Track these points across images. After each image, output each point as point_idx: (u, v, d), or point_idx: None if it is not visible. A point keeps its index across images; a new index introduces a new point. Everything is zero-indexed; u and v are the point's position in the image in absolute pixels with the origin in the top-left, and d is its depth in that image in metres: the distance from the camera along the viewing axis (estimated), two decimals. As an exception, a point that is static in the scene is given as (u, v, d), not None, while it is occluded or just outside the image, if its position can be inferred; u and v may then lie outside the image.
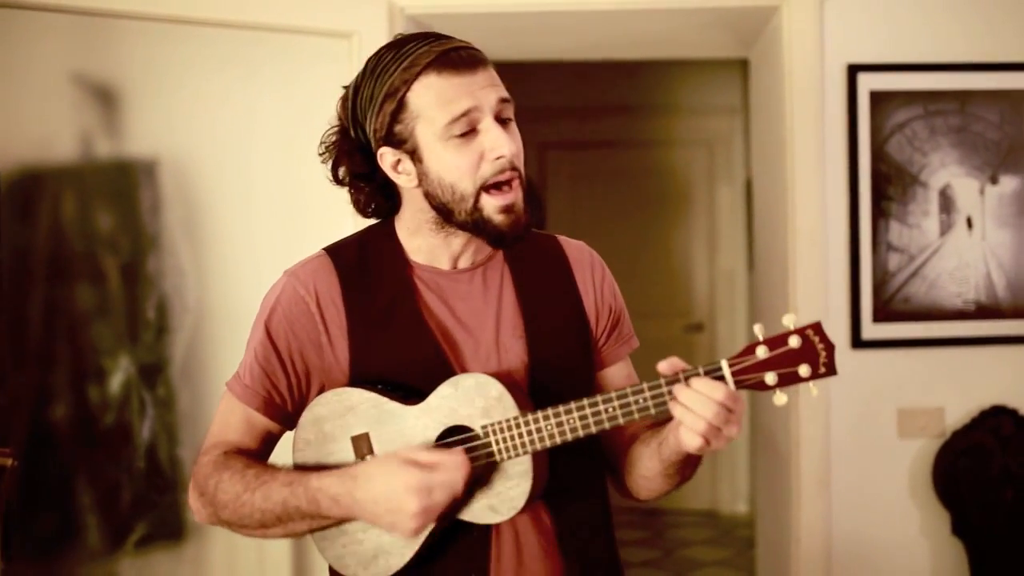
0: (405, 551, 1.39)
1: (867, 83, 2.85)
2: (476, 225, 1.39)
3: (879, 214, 2.88)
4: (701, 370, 1.30)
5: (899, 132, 2.87)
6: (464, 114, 1.35)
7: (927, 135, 2.87)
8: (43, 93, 2.46)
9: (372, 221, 1.54)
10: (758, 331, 1.32)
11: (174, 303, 2.60)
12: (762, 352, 1.30)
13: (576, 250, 1.58)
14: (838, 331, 2.88)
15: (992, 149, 2.88)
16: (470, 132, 1.36)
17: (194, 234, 2.63)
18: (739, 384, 1.30)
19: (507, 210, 1.39)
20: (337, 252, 1.48)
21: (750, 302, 5.27)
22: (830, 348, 1.30)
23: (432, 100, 1.35)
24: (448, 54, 1.36)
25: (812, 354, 1.29)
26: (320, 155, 1.48)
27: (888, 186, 2.88)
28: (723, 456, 5.37)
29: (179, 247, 2.61)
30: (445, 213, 1.40)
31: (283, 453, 1.49)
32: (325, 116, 2.74)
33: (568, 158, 5.52)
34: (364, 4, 2.74)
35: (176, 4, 2.51)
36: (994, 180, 2.89)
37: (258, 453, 1.47)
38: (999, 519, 2.84)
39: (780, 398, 1.30)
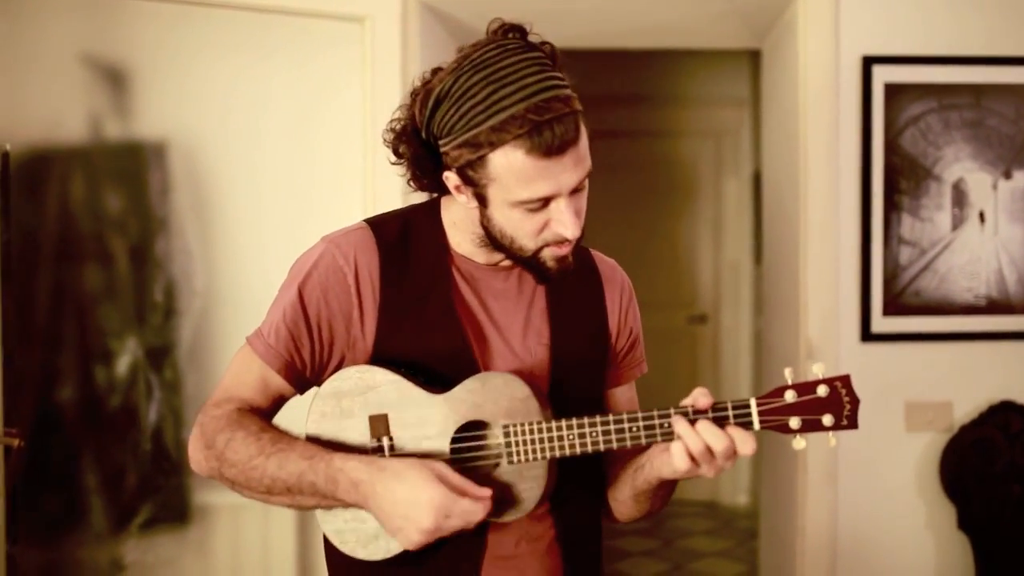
0: None
1: (882, 75, 2.84)
2: (526, 263, 1.40)
3: (891, 207, 2.86)
4: (730, 405, 1.32)
5: (913, 125, 2.85)
6: (541, 199, 1.32)
7: (941, 128, 2.86)
8: (53, 74, 2.44)
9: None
10: (788, 375, 1.34)
11: (182, 286, 2.59)
12: (790, 396, 1.32)
13: (609, 268, 1.59)
14: (847, 324, 2.87)
15: (1006, 144, 2.86)
16: (542, 207, 1.34)
17: (203, 217, 2.62)
18: (764, 424, 1.33)
19: (562, 260, 1.39)
20: (379, 227, 1.46)
21: (755, 294, 5.26)
22: (855, 403, 1.33)
23: (513, 176, 1.30)
24: (542, 131, 1.27)
25: (837, 405, 1.32)
26: (384, 137, 1.44)
27: (901, 179, 2.86)
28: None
29: (188, 230, 2.59)
30: (496, 246, 1.40)
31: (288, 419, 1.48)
32: (336, 100, 2.75)
33: (574, 147, 5.49)
34: (377, -12, 2.73)
35: (188, -15, 2.49)
36: (1008, 175, 2.87)
37: (266, 413, 1.44)
38: (1006, 514, 2.84)
39: (799, 443, 1.33)
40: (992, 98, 2.85)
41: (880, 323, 2.86)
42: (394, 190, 2.72)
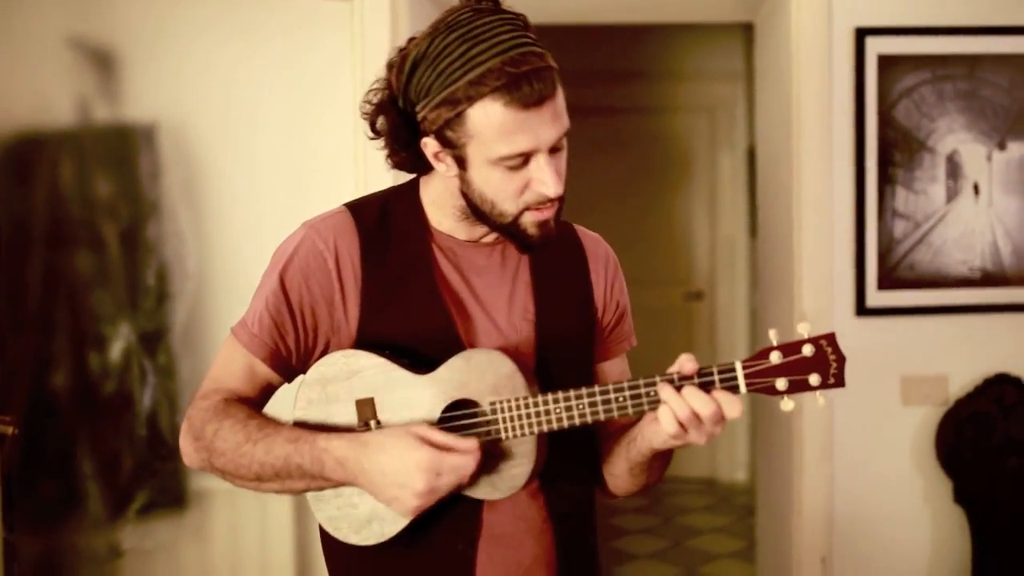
0: (399, 519, 1.38)
1: (875, 47, 2.82)
2: (508, 231, 1.38)
3: (885, 180, 2.85)
4: (715, 370, 1.32)
5: (907, 97, 2.84)
6: (521, 153, 1.31)
7: (935, 100, 2.84)
8: (40, 57, 2.42)
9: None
10: (772, 336, 1.33)
11: (174, 269, 2.57)
12: (776, 357, 1.32)
13: (593, 242, 1.57)
14: (842, 298, 2.87)
15: (1000, 115, 2.85)
16: (522, 165, 1.33)
17: (194, 200, 2.60)
18: (750, 387, 1.32)
19: (543, 224, 1.37)
20: (359, 210, 1.46)
21: (751, 270, 5.26)
22: (841, 360, 1.32)
23: (492, 130, 1.29)
24: (520, 84, 1.27)
25: (823, 364, 1.32)
26: (362, 109, 1.43)
27: (895, 152, 2.85)
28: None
29: (179, 213, 2.58)
30: (477, 214, 1.39)
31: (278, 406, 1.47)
32: (326, 80, 2.73)
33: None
34: (365, -34, 2.70)
35: (174, -35, 2.47)
36: (1002, 146, 2.86)
37: (255, 402, 1.44)
38: (1001, 487, 2.84)
39: (787, 404, 1.33)
40: (986, 68, 2.84)
41: (875, 297, 2.86)
42: (385, 170, 2.70)
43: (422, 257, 1.43)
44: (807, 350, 1.31)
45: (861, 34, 2.82)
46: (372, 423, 1.38)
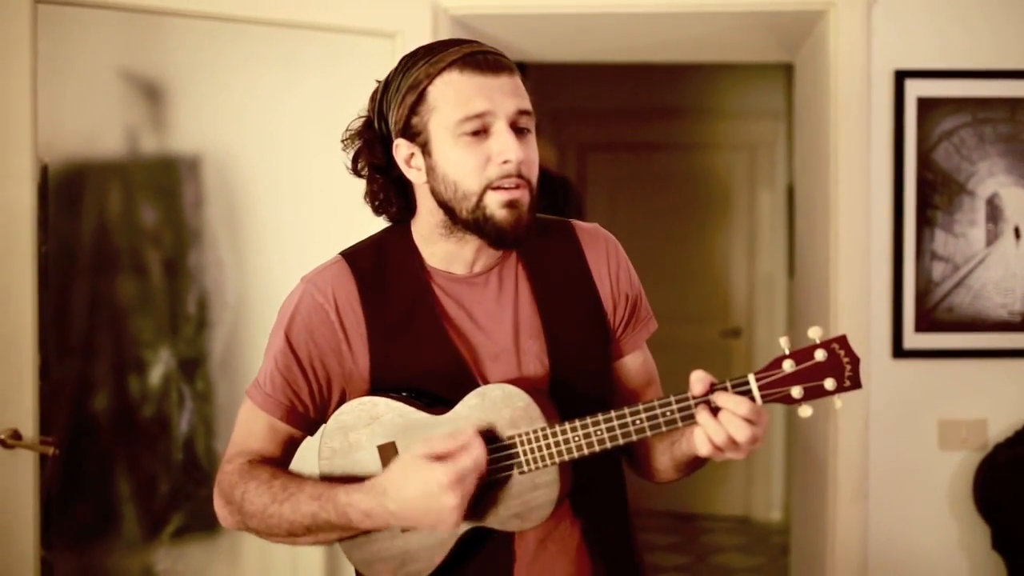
0: (433, 557, 1.39)
1: (915, 89, 2.82)
2: (477, 223, 1.38)
3: (924, 222, 2.84)
4: (729, 384, 1.31)
5: (947, 140, 2.83)
6: (478, 115, 1.35)
7: (975, 143, 2.83)
8: (91, 89, 2.49)
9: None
10: (784, 344, 1.32)
11: (214, 298, 2.62)
12: (788, 366, 1.31)
13: (589, 236, 1.54)
14: (879, 340, 2.84)
15: (1042, 158, 2.83)
16: (481, 133, 1.36)
17: (235, 230, 2.66)
18: (765, 398, 1.31)
19: (510, 205, 1.37)
20: (354, 257, 1.48)
21: (789, 308, 5.22)
22: (855, 361, 1.30)
23: (450, 96, 1.36)
24: (475, 56, 1.37)
25: (838, 368, 1.30)
26: (343, 142, 1.49)
27: (934, 194, 2.84)
28: (758, 463, 5.32)
29: (220, 242, 2.63)
30: (449, 212, 1.40)
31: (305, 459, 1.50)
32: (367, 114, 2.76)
33: (609, 160, 5.50)
34: (408, 4, 2.75)
35: (221, 2, 2.53)
36: (1043, 190, 2.83)
37: (281, 459, 1.47)
38: (1041, 535, 2.79)
39: (805, 411, 1.32)
40: (1028, 112, 2.82)
41: (912, 339, 2.84)
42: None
43: (422, 295, 1.44)
44: (820, 355, 1.30)
45: (901, 76, 2.82)
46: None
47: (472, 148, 1.36)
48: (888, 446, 2.86)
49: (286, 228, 2.70)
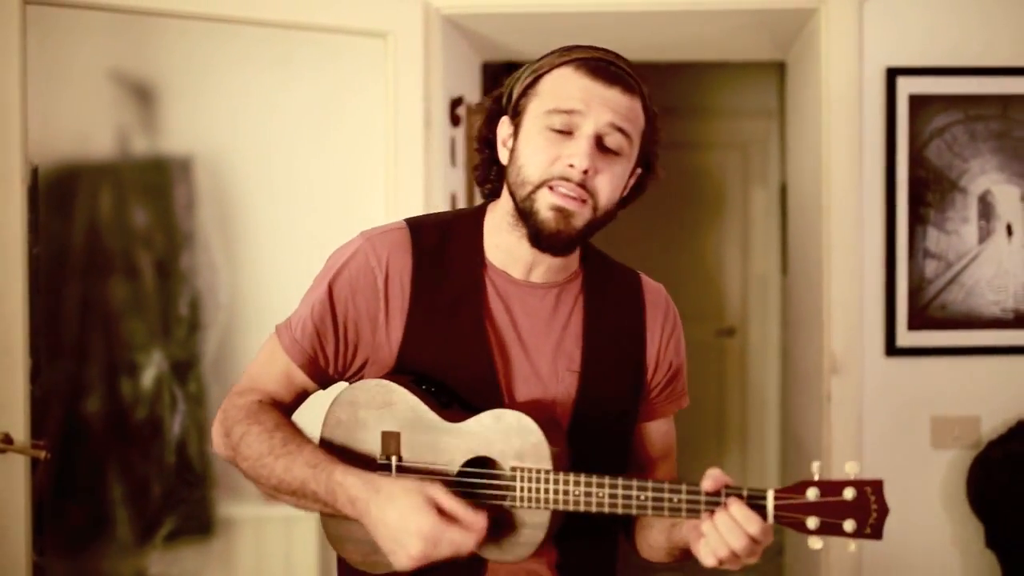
0: None
1: (906, 87, 2.82)
2: (524, 214, 1.37)
3: (916, 220, 2.84)
4: (744, 493, 1.26)
5: (938, 137, 2.83)
6: (567, 111, 1.34)
7: (967, 140, 2.83)
8: (82, 90, 2.48)
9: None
10: (815, 470, 1.26)
11: (207, 300, 2.61)
12: (812, 494, 1.24)
13: (653, 293, 1.54)
14: (872, 338, 2.84)
15: (1034, 156, 2.83)
16: (566, 133, 1.34)
17: (227, 231, 2.65)
18: (778, 519, 1.25)
19: (558, 210, 1.35)
20: (418, 230, 1.45)
21: (783, 307, 5.23)
22: (883, 512, 1.24)
23: (554, 87, 1.36)
24: (596, 61, 1.37)
25: (863, 512, 1.24)
26: (476, 106, 1.51)
27: (926, 192, 2.84)
28: (752, 461, 5.33)
29: (212, 244, 2.62)
30: (510, 190, 1.39)
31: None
32: (359, 114, 2.77)
33: (601, 159, 5.49)
34: (399, 4, 2.75)
35: (213, 3, 2.52)
36: (1035, 187, 2.84)
37: (289, 406, 1.46)
38: (1035, 532, 2.79)
39: (815, 543, 1.26)
40: (1019, 109, 2.82)
41: (905, 337, 2.84)
42: (416, 205, 2.74)
43: (473, 288, 1.41)
44: (848, 494, 1.24)
45: (892, 74, 2.82)
46: (394, 458, 1.38)
47: (550, 142, 1.35)
48: (881, 444, 2.85)
49: (279, 229, 2.69)
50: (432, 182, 2.81)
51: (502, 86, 1.46)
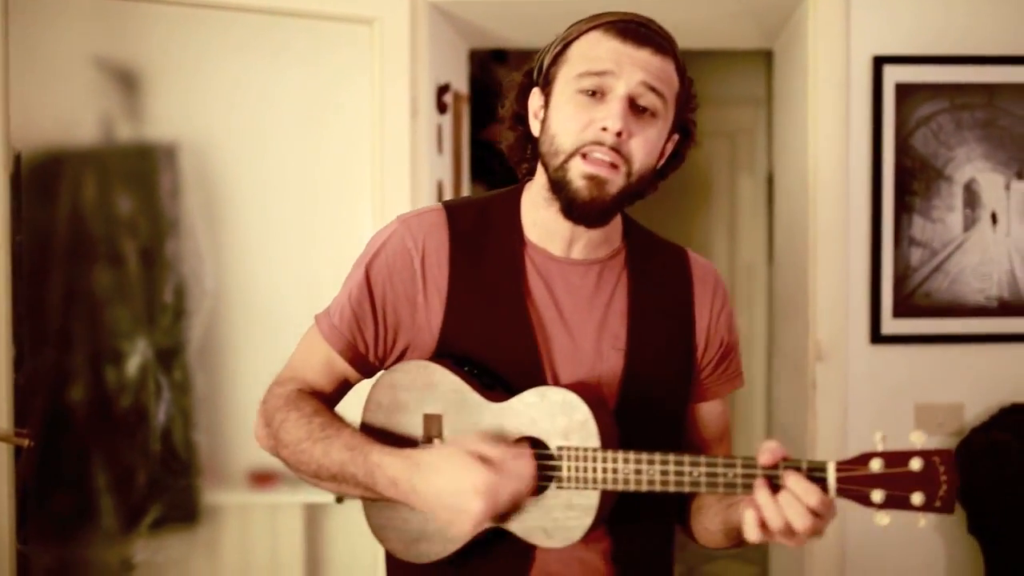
0: (448, 545, 1.34)
1: (893, 75, 2.82)
2: (557, 185, 1.33)
3: (902, 208, 2.85)
4: (804, 466, 1.19)
5: (924, 125, 2.84)
6: (597, 72, 1.32)
7: (953, 129, 2.84)
8: (65, 76, 2.46)
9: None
10: (878, 440, 1.18)
11: (192, 287, 2.60)
12: (877, 465, 1.17)
13: (702, 269, 1.50)
14: (857, 325, 2.85)
15: (1019, 144, 2.84)
16: (597, 95, 1.32)
17: (213, 218, 2.64)
18: (840, 492, 1.18)
19: (591, 178, 1.31)
20: (454, 211, 1.42)
21: (769, 295, 5.24)
22: (953, 483, 1.15)
23: (583, 51, 1.35)
24: (625, 24, 1.36)
25: (932, 484, 1.15)
26: (506, 83, 1.46)
27: (912, 180, 2.85)
28: (737, 448, 5.32)
29: (198, 231, 2.61)
30: (543, 163, 1.37)
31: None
32: (346, 102, 2.76)
33: (588, 147, 5.49)
34: (385, -10, 2.74)
35: (197, -12, 2.51)
36: (1020, 176, 2.85)
37: (331, 396, 1.44)
38: (1016, 519, 2.81)
39: (882, 519, 1.19)
40: (1005, 98, 2.83)
41: (890, 324, 2.85)
42: (402, 192, 2.73)
43: (513, 269, 1.38)
44: (915, 464, 1.15)
45: (879, 62, 2.82)
46: (436, 440, 1.34)
47: (582, 107, 1.32)
48: (865, 431, 2.87)
49: (264, 216, 2.68)
50: (419, 169, 2.80)
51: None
